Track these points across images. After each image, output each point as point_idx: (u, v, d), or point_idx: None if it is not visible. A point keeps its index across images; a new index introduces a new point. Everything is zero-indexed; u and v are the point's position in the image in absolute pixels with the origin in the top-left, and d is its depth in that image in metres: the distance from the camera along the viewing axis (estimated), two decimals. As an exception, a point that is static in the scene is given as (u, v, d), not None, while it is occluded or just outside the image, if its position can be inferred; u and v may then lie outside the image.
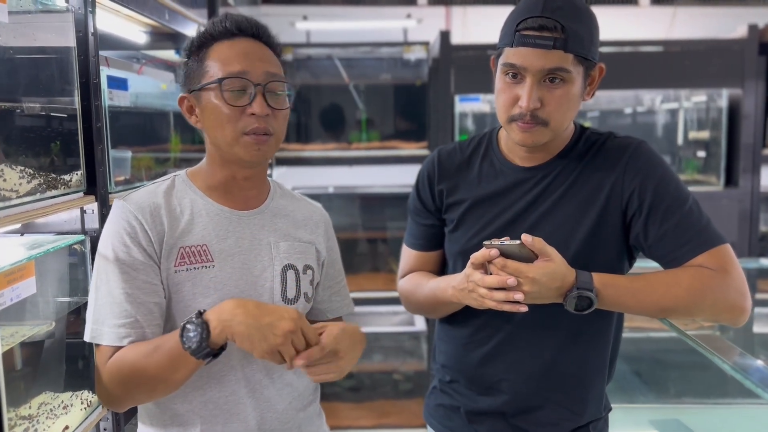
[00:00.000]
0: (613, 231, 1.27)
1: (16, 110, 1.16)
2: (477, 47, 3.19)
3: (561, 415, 1.33)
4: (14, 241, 1.28)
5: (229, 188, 1.20)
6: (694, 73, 3.11)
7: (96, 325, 1.10)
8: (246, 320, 1.02)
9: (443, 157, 1.44)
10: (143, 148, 1.75)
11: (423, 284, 1.41)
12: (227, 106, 1.11)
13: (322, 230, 1.31)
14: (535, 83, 1.21)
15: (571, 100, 1.23)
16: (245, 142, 1.13)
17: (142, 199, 1.14)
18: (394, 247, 3.62)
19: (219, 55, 1.13)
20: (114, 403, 1.13)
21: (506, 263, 1.15)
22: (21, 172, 1.13)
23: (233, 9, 2.85)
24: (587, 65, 1.23)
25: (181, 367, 1.05)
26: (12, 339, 1.10)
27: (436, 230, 1.44)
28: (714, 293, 1.18)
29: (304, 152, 3.32)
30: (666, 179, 1.25)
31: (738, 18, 4.15)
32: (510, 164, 1.35)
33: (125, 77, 1.56)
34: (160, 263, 1.12)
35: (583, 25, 1.21)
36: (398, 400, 3.48)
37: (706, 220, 1.24)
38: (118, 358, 1.08)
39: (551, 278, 1.15)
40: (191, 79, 1.16)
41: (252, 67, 1.12)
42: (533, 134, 1.24)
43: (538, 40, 1.18)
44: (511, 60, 1.22)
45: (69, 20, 1.28)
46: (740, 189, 3.13)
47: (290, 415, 1.22)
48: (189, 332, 1.02)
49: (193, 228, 1.15)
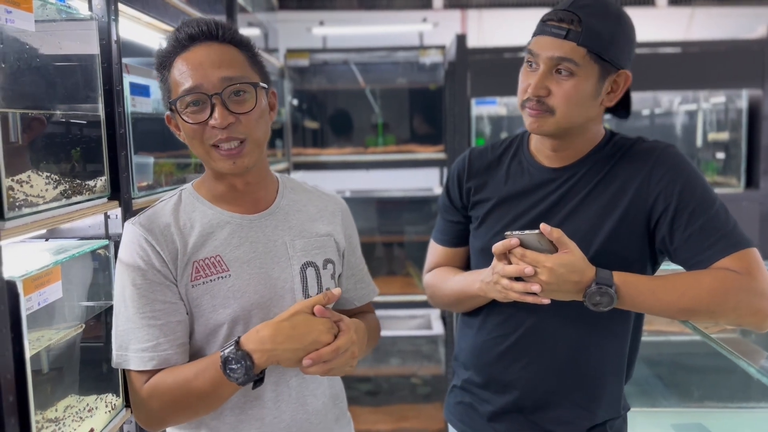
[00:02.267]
0: (636, 234, 1.27)
1: (42, 117, 1.18)
2: (493, 50, 3.19)
3: (578, 414, 1.34)
4: (39, 247, 1.30)
5: (233, 196, 1.19)
6: (713, 74, 3.08)
7: (120, 351, 1.12)
8: (291, 346, 1.05)
9: (474, 156, 1.46)
10: (164, 153, 1.77)
11: (449, 278, 1.43)
12: (189, 123, 1.10)
13: (339, 219, 1.29)
14: (545, 72, 1.24)
15: (580, 96, 1.24)
16: (218, 157, 1.11)
17: (150, 220, 1.14)
18: (411, 251, 3.62)
19: (176, 71, 1.11)
20: (155, 425, 1.15)
21: (525, 253, 1.17)
22: (47, 179, 1.14)
23: (251, 15, 2.87)
24: (604, 66, 1.24)
25: (225, 393, 1.09)
26: (39, 343, 1.11)
27: (462, 227, 1.47)
28: (737, 296, 1.17)
29: (321, 156, 3.34)
30: (692, 182, 1.25)
31: (757, 18, 4.11)
32: (537, 164, 1.37)
33: (147, 84, 1.58)
34: (177, 281, 1.13)
35: (606, 25, 1.22)
36: (416, 404, 3.48)
37: (732, 224, 1.23)
38: (156, 384, 1.10)
39: (569, 270, 1.15)
40: (165, 99, 1.16)
41: (205, 78, 1.08)
42: (539, 121, 1.27)
43: (553, 29, 1.23)
44: (531, 47, 1.28)
45: (93, 28, 1.30)
46: (761, 191, 3.09)
47: (322, 415, 1.22)
48: (231, 364, 1.04)
49: (205, 240, 1.15)
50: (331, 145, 3.48)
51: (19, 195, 1.04)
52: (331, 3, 4.75)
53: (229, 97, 1.09)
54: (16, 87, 1.07)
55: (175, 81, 1.11)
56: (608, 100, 1.29)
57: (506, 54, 3.17)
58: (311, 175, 3.35)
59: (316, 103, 3.54)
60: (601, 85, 1.25)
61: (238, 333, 1.13)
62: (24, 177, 1.07)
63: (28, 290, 1.03)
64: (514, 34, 4.71)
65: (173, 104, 1.10)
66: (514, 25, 4.91)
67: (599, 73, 1.24)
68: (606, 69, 1.24)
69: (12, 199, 1.01)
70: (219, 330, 1.14)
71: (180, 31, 1.11)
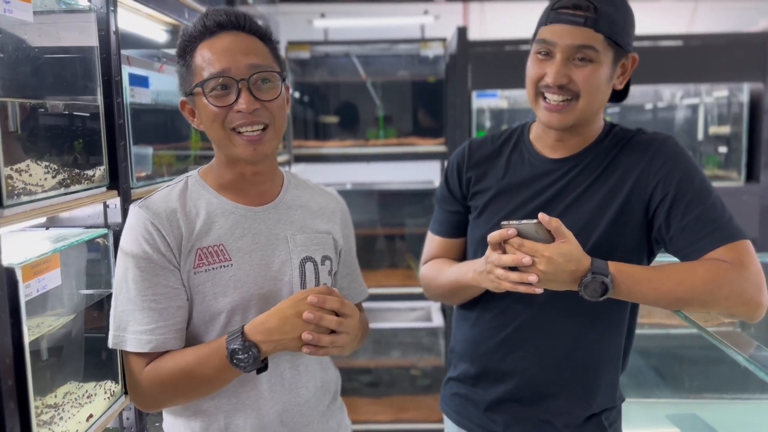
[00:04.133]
0: (635, 224, 1.29)
1: (41, 108, 1.19)
2: (494, 43, 3.19)
3: (574, 404, 1.35)
4: (40, 235, 1.31)
5: (240, 185, 1.21)
6: (715, 67, 3.08)
7: (118, 332, 1.13)
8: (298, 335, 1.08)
9: (474, 147, 1.47)
10: (164, 144, 1.79)
11: (444, 270, 1.43)
12: (214, 106, 1.11)
13: (338, 218, 1.32)
14: (563, 60, 1.24)
15: (600, 81, 1.26)
16: (240, 142, 1.13)
17: (157, 204, 1.16)
18: (412, 244, 3.63)
19: (202, 56, 1.12)
20: (151, 407, 1.19)
21: (523, 242, 1.17)
22: (46, 168, 1.16)
23: (251, 7, 2.87)
24: (617, 51, 1.26)
25: (228, 379, 1.13)
26: (38, 329, 1.13)
27: (460, 217, 1.47)
28: (730, 285, 1.18)
29: (322, 149, 3.35)
30: (690, 173, 1.26)
31: (759, 11, 4.10)
32: (538, 155, 1.38)
33: (146, 75, 1.59)
34: (179, 267, 1.14)
35: (617, 11, 1.24)
36: (416, 396, 3.50)
37: (728, 216, 1.24)
38: (157, 368, 1.12)
39: (567, 259, 1.16)
40: (184, 84, 1.17)
41: (234, 63, 1.10)
42: (562, 115, 1.27)
43: (570, 17, 1.23)
44: (543, 36, 1.27)
45: (91, 20, 1.31)
46: (761, 184, 3.08)
47: (312, 406, 1.24)
48: (239, 354, 1.07)
49: (209, 229, 1.16)
50: (332, 137, 3.49)
51: (18, 183, 1.05)
52: (333, -5, 4.75)
53: (255, 84, 1.12)
54: (15, 77, 1.08)
55: (199, 66, 1.12)
56: (618, 84, 1.32)
57: (507, 47, 3.17)
58: (312, 167, 3.36)
59: (317, 95, 3.55)
60: (614, 69, 1.28)
61: (236, 322, 1.15)
62: (23, 166, 1.09)
63: (27, 277, 1.04)
64: (516, 27, 4.70)
65: (198, 86, 1.12)
66: (515, 18, 4.89)
67: (613, 57, 1.26)
68: (619, 53, 1.27)
69: (11, 187, 1.03)
70: (217, 318, 1.16)
71: (207, 18, 1.13)
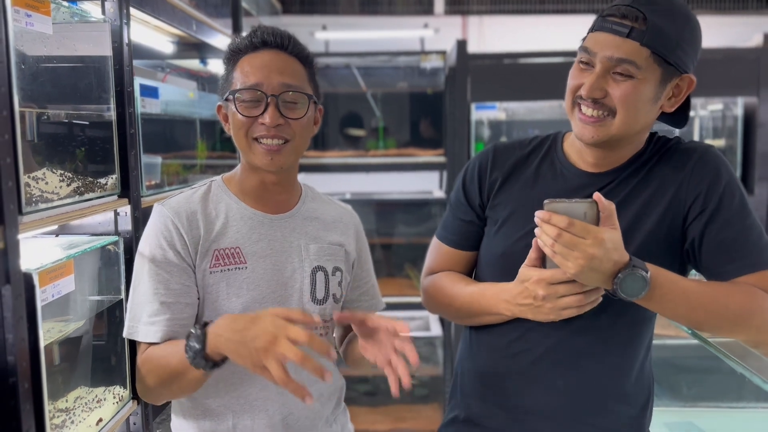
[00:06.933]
0: (672, 235, 1.21)
1: (57, 117, 1.22)
2: (493, 56, 3.24)
3: None
4: (51, 242, 1.33)
5: (261, 193, 1.25)
6: (710, 81, 3.12)
7: (132, 322, 1.18)
8: (235, 338, 1.00)
9: (500, 150, 1.35)
10: (171, 154, 1.81)
11: (457, 287, 1.31)
12: (241, 115, 1.17)
13: (352, 231, 1.36)
14: (602, 72, 1.14)
15: (639, 99, 1.14)
16: (259, 150, 1.18)
17: (180, 204, 1.21)
18: (411, 253, 3.66)
19: (242, 67, 1.19)
20: (146, 395, 1.21)
21: (573, 222, 1.05)
22: (61, 176, 1.18)
23: (255, 19, 2.91)
24: (667, 70, 1.14)
25: (189, 372, 1.08)
26: (50, 334, 1.15)
27: (474, 228, 1.34)
28: (764, 315, 1.13)
29: (323, 159, 3.37)
30: (732, 189, 1.19)
31: (754, 27, 4.16)
32: (573, 168, 1.27)
33: (156, 86, 1.62)
34: (195, 266, 1.18)
35: (673, 26, 1.12)
36: (414, 405, 3.51)
37: (765, 241, 1.18)
38: (147, 354, 1.16)
39: (614, 246, 1.06)
40: (222, 90, 1.23)
41: (267, 79, 1.17)
42: (597, 130, 1.16)
43: (615, 26, 1.13)
44: (587, 44, 1.17)
45: (106, 31, 1.34)
46: (756, 197, 3.12)
47: (318, 411, 1.26)
48: (191, 341, 1.05)
49: (227, 231, 1.21)
50: (332, 147, 3.52)
51: (35, 191, 1.08)
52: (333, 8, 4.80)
53: (284, 102, 1.17)
54: (34, 87, 1.11)
55: (237, 76, 1.19)
56: (668, 106, 1.20)
57: (506, 60, 3.22)
58: (312, 177, 3.39)
59: (317, 106, 3.58)
60: (662, 89, 1.16)
61: None
62: (39, 174, 1.12)
63: (44, 282, 1.07)
64: (514, 41, 4.76)
65: (231, 95, 1.18)
66: (514, 32, 4.96)
67: (661, 76, 1.14)
68: (669, 72, 1.15)
69: (29, 195, 1.05)
70: None
71: (255, 35, 1.20)
